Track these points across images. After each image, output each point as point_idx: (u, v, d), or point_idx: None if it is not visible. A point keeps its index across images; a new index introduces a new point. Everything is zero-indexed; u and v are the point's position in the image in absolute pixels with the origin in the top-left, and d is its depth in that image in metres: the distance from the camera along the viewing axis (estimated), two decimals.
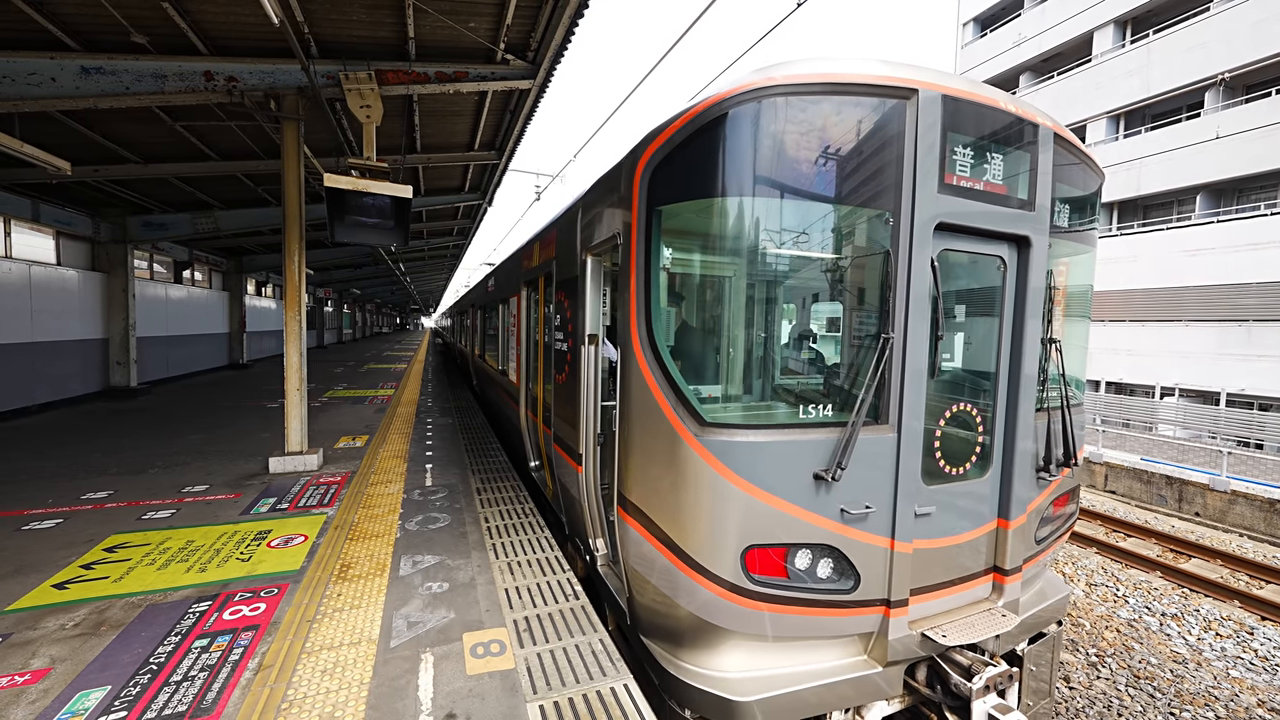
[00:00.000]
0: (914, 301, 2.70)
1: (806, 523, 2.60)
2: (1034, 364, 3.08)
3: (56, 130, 7.28)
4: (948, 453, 2.96)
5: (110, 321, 11.41)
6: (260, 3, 4.44)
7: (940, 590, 2.95)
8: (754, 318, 2.77)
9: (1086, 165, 3.36)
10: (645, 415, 2.85)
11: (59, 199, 10.16)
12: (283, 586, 3.69)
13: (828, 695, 2.69)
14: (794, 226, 2.69)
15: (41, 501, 5.18)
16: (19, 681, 2.70)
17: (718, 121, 2.54)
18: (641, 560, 2.97)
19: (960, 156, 2.74)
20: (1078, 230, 3.36)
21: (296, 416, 6.49)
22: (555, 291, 4.51)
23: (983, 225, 2.84)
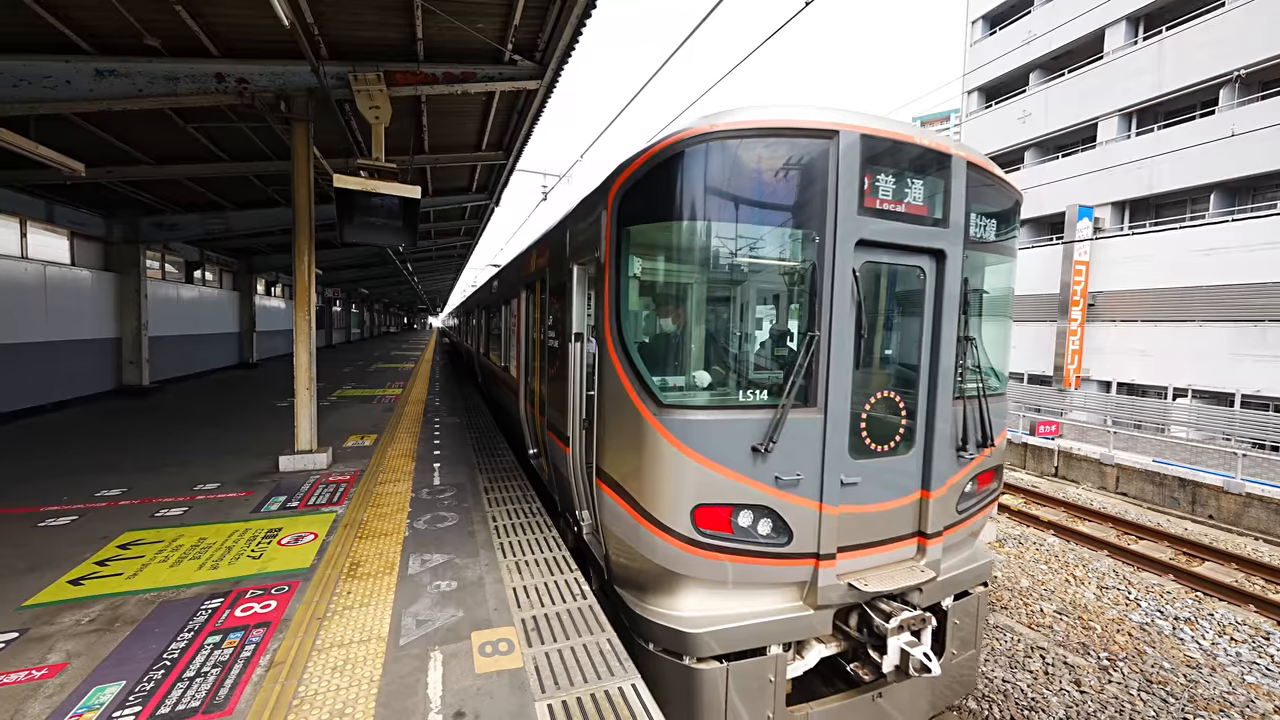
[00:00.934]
0: (838, 305, 3.22)
1: (746, 487, 3.14)
2: (950, 358, 3.59)
3: (71, 132, 7.38)
4: (873, 432, 3.47)
5: (123, 321, 11.55)
6: (271, 4, 4.48)
7: (869, 549, 3.50)
8: (704, 319, 3.31)
9: (1001, 188, 3.87)
10: (616, 400, 3.41)
11: (73, 200, 10.29)
12: (293, 584, 3.72)
13: (765, 631, 3.24)
14: (736, 244, 3.21)
15: (57, 498, 5.26)
16: (36, 676, 2.74)
17: (672, 159, 3.13)
18: (614, 521, 3.51)
19: (880, 183, 3.28)
20: (995, 243, 3.85)
21: (306, 415, 6.54)
22: (549, 296, 5.08)
23: (901, 241, 3.38)
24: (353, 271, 24.39)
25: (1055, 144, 21.90)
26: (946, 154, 3.46)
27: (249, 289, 18.04)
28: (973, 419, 3.75)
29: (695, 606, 3.27)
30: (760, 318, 3.60)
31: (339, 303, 30.11)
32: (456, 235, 20.26)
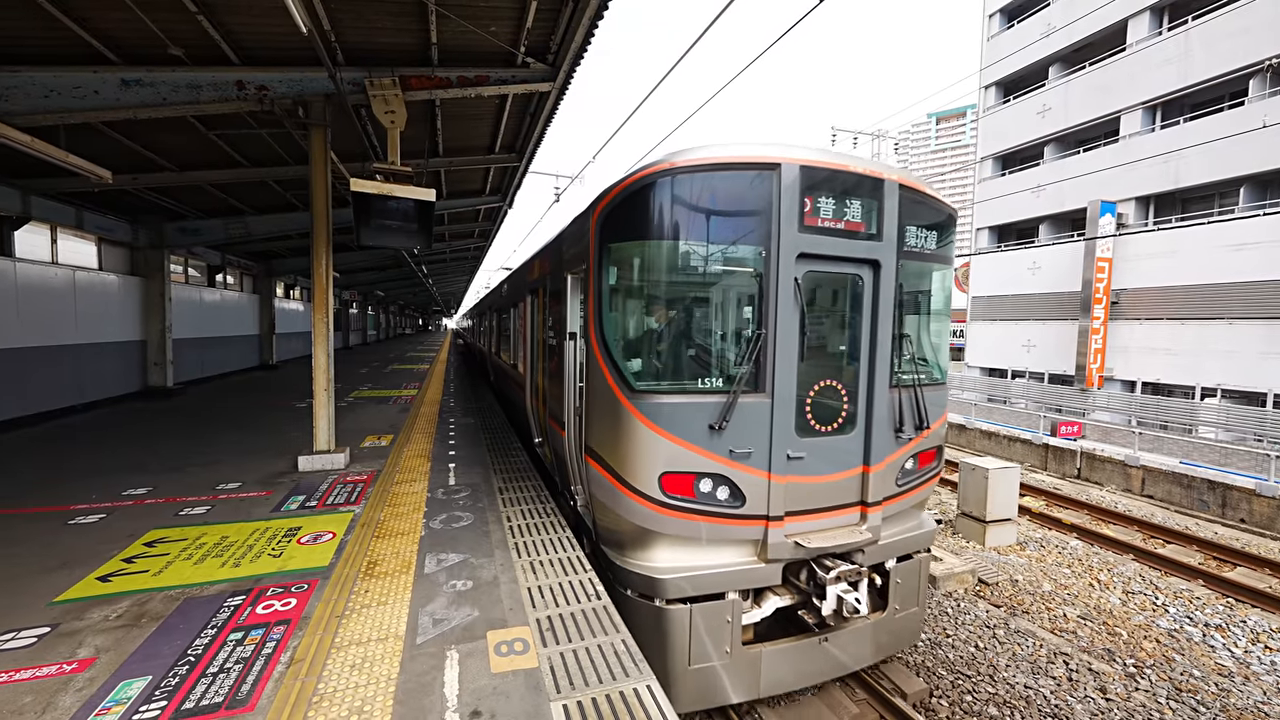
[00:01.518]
0: (782, 308, 3.82)
1: (705, 458, 3.76)
2: (886, 352, 4.17)
3: (98, 141, 7.58)
4: (818, 415, 4.06)
5: (148, 324, 11.85)
6: (290, 13, 4.55)
7: (816, 514, 4.08)
8: (668, 320, 3.90)
9: (934, 205, 4.42)
10: (599, 387, 4.02)
11: (101, 207, 10.58)
12: (312, 582, 3.77)
13: (723, 579, 3.84)
14: (695, 258, 3.82)
15: (86, 497, 5.40)
16: (66, 670, 2.81)
17: (643, 189, 3.76)
18: (599, 489, 4.12)
19: (819, 205, 3.87)
20: (928, 253, 4.39)
21: (324, 416, 6.65)
22: (549, 300, 5.70)
23: (839, 253, 3.98)
24: (369, 274, 24.73)
25: (1076, 138, 21.42)
26: (880, 178, 4.06)
27: (269, 292, 18.39)
28: (909, 405, 4.35)
29: (665, 558, 3.91)
30: (716, 319, 4.08)
31: (355, 305, 30.57)
32: (470, 237, 20.44)
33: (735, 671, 3.92)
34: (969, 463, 9.00)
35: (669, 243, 3.76)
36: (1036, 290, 21.75)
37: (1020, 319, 22.52)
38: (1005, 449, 15.87)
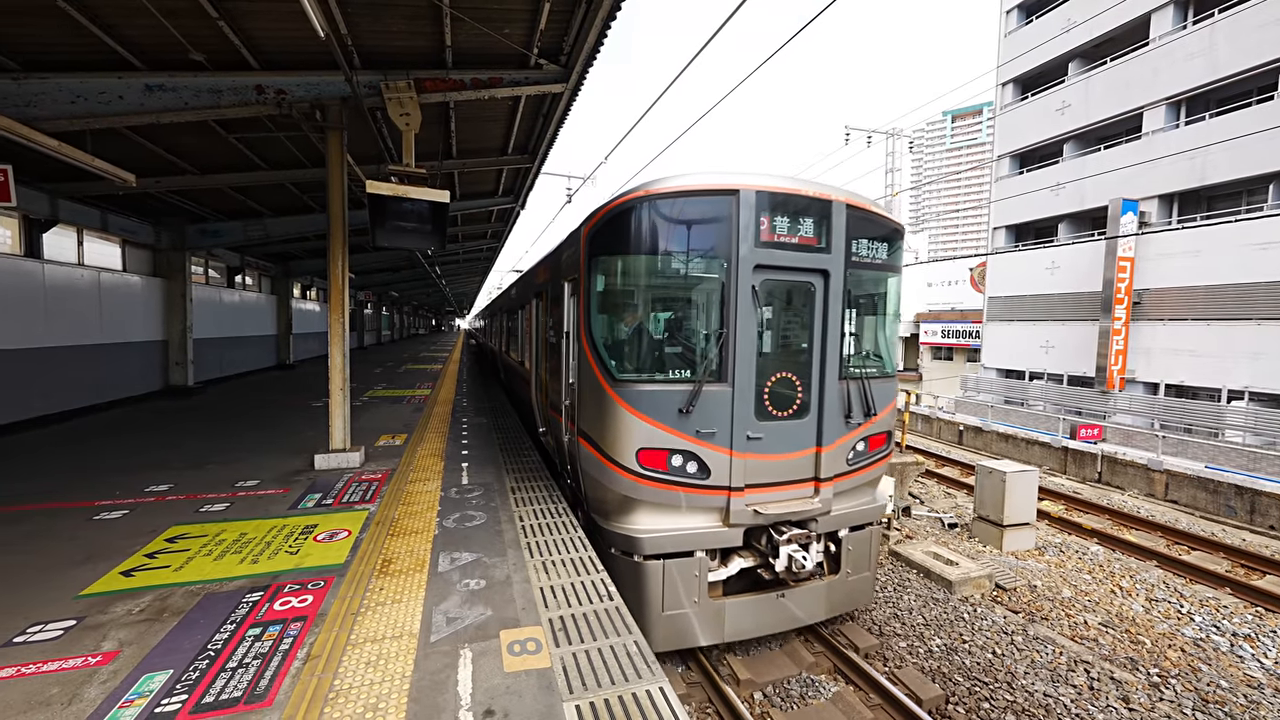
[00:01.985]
0: (742, 311, 4.43)
1: (675, 437, 4.39)
2: (836, 349, 4.79)
3: (122, 145, 7.76)
4: (775, 402, 4.67)
5: (169, 324, 12.10)
6: (308, 17, 4.62)
7: (774, 487, 4.69)
8: (644, 320, 4.57)
9: (881, 221, 5.04)
10: (587, 377, 4.71)
11: (124, 209, 10.83)
12: (328, 579, 3.82)
13: (691, 539, 4.50)
14: (667, 269, 4.51)
15: (110, 493, 5.53)
16: (91, 662, 2.87)
17: (622, 213, 4.44)
18: (589, 463, 4.75)
19: (775, 224, 4.50)
20: (877, 263, 5.02)
21: (340, 415, 6.73)
22: (550, 304, 6.28)
23: (792, 264, 4.60)
24: (383, 275, 25.01)
25: (1097, 135, 20.98)
26: (828, 200, 4.70)
27: (286, 293, 18.67)
28: (858, 395, 4.95)
29: (642, 522, 4.52)
30: (686, 320, 4.70)
31: (370, 305, 30.93)
32: (483, 238, 20.58)
33: (703, 619, 4.59)
34: (986, 465, 8.85)
35: (646, 257, 4.48)
36: (1055, 290, 21.34)
37: (1038, 320, 22.11)
38: (1023, 452, 15.59)
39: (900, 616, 6.23)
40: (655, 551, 4.42)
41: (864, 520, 5.19)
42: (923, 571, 7.19)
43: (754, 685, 4.87)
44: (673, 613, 4.48)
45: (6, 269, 8.26)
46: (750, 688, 4.85)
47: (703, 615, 4.57)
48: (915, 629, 5.98)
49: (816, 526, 4.80)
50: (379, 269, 22.75)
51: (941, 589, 6.81)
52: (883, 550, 7.70)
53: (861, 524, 5.18)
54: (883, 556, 7.70)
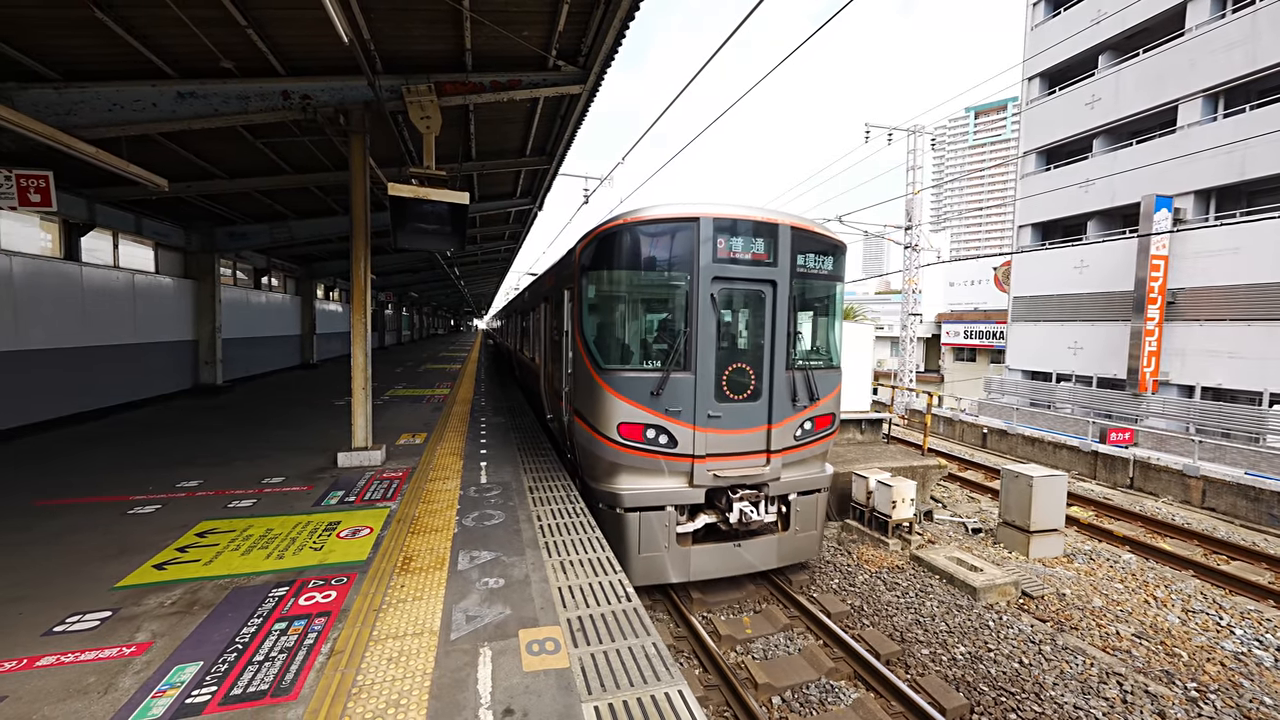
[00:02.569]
0: (702, 314, 5.49)
1: (649, 414, 5.40)
2: (783, 344, 5.81)
3: (155, 151, 8.00)
4: (731, 387, 5.70)
5: (199, 324, 12.45)
6: (333, 24, 4.71)
7: (732, 457, 5.72)
8: (625, 321, 5.65)
9: (822, 239, 6.07)
10: (580, 366, 5.80)
11: (157, 213, 11.18)
12: (351, 576, 3.88)
13: (661, 496, 5.52)
14: (643, 280, 5.62)
15: (143, 488, 5.70)
16: (126, 653, 2.96)
17: (607, 236, 5.55)
18: (581, 436, 5.81)
19: (730, 243, 5.54)
20: (820, 274, 6.06)
21: (362, 414, 6.84)
22: (554, 307, 7.46)
23: (745, 276, 5.64)
24: (403, 276, 25.41)
25: (1129, 130, 20.32)
26: (775, 224, 5.75)
27: (310, 294, 19.08)
28: (803, 382, 5.94)
29: (623, 483, 5.54)
30: (657, 321, 5.82)
31: (390, 306, 31.45)
32: (501, 239, 20.77)
33: (672, 560, 5.67)
34: (1012, 469, 8.63)
35: (626, 271, 5.57)
36: (1084, 290, 20.73)
37: (1066, 320, 21.51)
38: (1050, 456, 15.18)
39: (922, 623, 6.10)
40: (633, 505, 5.48)
41: (811, 487, 6.23)
42: (945, 577, 7.04)
43: (773, 689, 4.82)
44: (648, 555, 5.57)
45: (48, 271, 8.58)
46: (769, 692, 4.80)
47: (672, 558, 5.68)
48: (938, 636, 5.86)
49: (768, 490, 5.90)
50: (399, 270, 23.12)
51: (965, 595, 6.66)
52: (905, 549, 7.61)
53: (809, 490, 6.22)
54: (904, 561, 7.58)
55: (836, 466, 9.06)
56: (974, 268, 36.23)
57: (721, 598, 6.34)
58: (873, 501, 8.28)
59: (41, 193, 6.15)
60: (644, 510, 5.49)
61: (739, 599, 6.40)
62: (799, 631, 5.84)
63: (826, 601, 6.38)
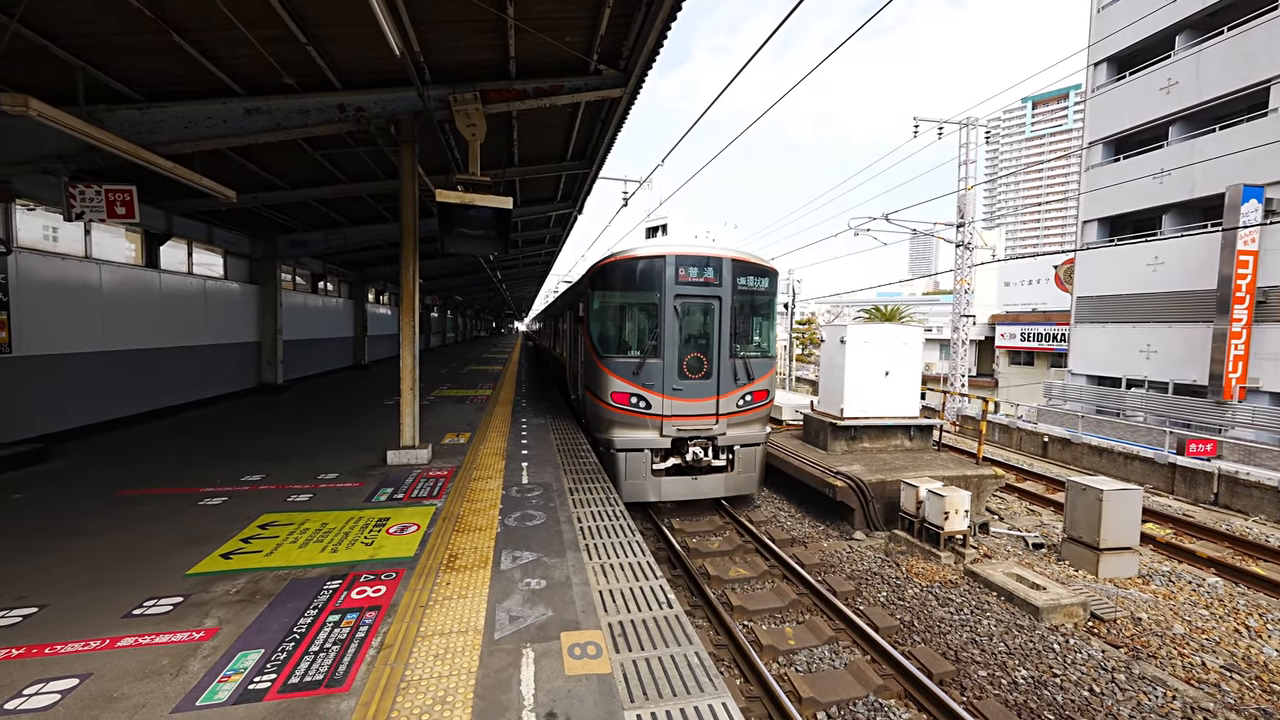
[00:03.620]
0: (668, 319, 7.84)
1: (632, 387, 7.75)
2: (727, 340, 8.04)
3: (224, 165, 8.54)
4: (690, 369, 7.92)
5: (263, 327, 13.21)
6: (386, 39, 4.89)
7: (691, 418, 7.97)
8: (617, 324, 8.12)
9: (758, 266, 8.33)
10: (588, 355, 8.29)
11: (225, 223, 11.94)
12: (399, 571, 3.99)
13: (641, 441, 7.81)
14: (629, 297, 8.08)
15: (211, 481, 6.07)
16: (195, 637, 3.14)
17: (606, 267, 8.17)
18: (590, 404, 8.29)
19: (688, 270, 7.88)
20: (756, 290, 8.29)
21: (410, 414, 7.06)
22: (573, 315, 10.20)
23: (698, 294, 7.94)
24: (448, 279, 26.23)
25: (1211, 115, 18.71)
26: (720, 257, 8.09)
27: (362, 298, 19.96)
28: (742, 367, 8.19)
29: (615, 433, 7.84)
30: (638, 324, 8.13)
31: (436, 309, 32.52)
32: (541, 243, 21.13)
33: (649, 487, 8.02)
34: (1078, 481, 8.07)
35: (619, 291, 8.16)
36: (1158, 289, 19.23)
37: (1138, 321, 20.00)
38: (1121, 467, 14.13)
39: (979, 642, 5.76)
40: (622, 447, 7.88)
41: (751, 442, 8.50)
42: (1004, 595, 6.63)
43: (818, 705, 4.66)
44: (632, 482, 7.94)
45: (130, 278, 9.30)
46: (814, 707, 4.64)
47: (649, 485, 8.03)
48: (996, 657, 5.52)
49: (717, 441, 8.25)
50: (444, 274, 23.86)
51: (1026, 615, 6.25)
52: (959, 563, 7.24)
53: (750, 444, 8.49)
54: (958, 576, 7.22)
55: (882, 474, 8.82)
56: (1032, 266, 34.26)
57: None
58: (923, 512, 7.90)
59: (126, 206, 6.66)
60: (629, 451, 7.89)
61: (777, 609, 6.23)
62: (844, 645, 5.63)
63: (874, 615, 6.12)
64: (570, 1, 5.64)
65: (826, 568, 7.44)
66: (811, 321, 43.04)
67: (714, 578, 6.78)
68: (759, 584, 6.83)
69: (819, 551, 7.95)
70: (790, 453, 10.14)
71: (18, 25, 4.66)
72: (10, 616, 3.30)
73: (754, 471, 8.58)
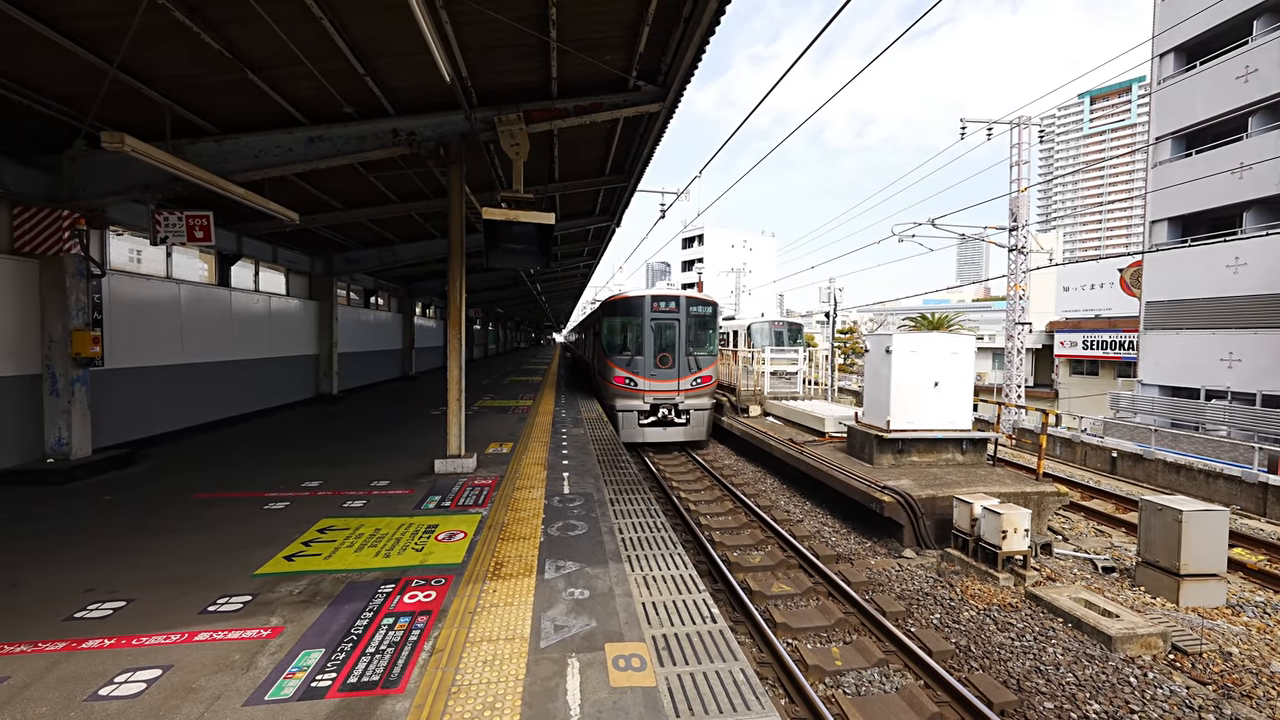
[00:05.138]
0: (646, 335, 13.62)
1: (625, 373, 13.51)
2: (683, 346, 13.72)
3: (288, 189, 9.15)
4: (661, 363, 13.58)
5: (320, 340, 13.97)
6: (437, 66, 5.15)
7: (662, 391, 13.57)
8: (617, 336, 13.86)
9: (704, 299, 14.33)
10: (600, 356, 14.53)
11: (288, 243, 12.75)
12: (448, 578, 4.11)
13: (631, 405, 13.49)
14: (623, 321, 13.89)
15: (276, 486, 6.44)
16: (263, 635, 3.32)
17: (611, 303, 14.59)
18: (602, 387, 14.51)
19: (659, 303, 13.79)
20: (703, 315, 14.00)
21: (456, 424, 7.29)
22: (594, 331, 16.35)
23: (666, 319, 13.75)
24: (490, 293, 27.02)
25: None
26: (678, 296, 14.11)
27: (410, 311, 20.82)
28: (694, 362, 13.62)
29: (616, 401, 13.39)
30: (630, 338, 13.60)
31: (478, 321, 33.51)
32: (580, 256, 21.51)
33: (637, 433, 13.30)
34: (1154, 501, 7.49)
35: (620, 317, 13.74)
36: (1240, 292, 17.75)
37: (1218, 328, 18.49)
38: (1202, 486, 13.02)
39: (1044, 671, 5.40)
40: (620, 409, 13.14)
41: (701, 408, 13.64)
42: (1071, 621, 6.20)
43: None
44: (626, 430, 13.07)
45: (205, 297, 10.04)
46: None
47: (638, 432, 13.22)
48: (1064, 688, 5.15)
49: (678, 406, 13.39)
50: (487, 288, 24.61)
51: (1098, 644, 5.82)
52: (1019, 585, 6.80)
53: (700, 409, 13.63)
54: (1018, 599, 6.81)
55: (933, 489, 8.44)
56: (1094, 270, 32.30)
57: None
58: (978, 530, 7.51)
59: (204, 230, 7.22)
60: (624, 412, 13.20)
61: (822, 628, 6.04)
62: (895, 668, 5.39)
63: (926, 637, 5.84)
64: (611, 22, 5.80)
65: (874, 586, 7.16)
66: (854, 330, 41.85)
67: (756, 593, 6.64)
68: (803, 600, 6.64)
69: (866, 569, 7.67)
70: (834, 465, 9.86)
71: (116, 71, 5.18)
72: (104, 608, 3.59)
73: (703, 426, 13.98)
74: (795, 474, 11.33)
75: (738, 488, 10.77)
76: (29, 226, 6.62)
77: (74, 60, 5.11)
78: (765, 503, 10.15)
